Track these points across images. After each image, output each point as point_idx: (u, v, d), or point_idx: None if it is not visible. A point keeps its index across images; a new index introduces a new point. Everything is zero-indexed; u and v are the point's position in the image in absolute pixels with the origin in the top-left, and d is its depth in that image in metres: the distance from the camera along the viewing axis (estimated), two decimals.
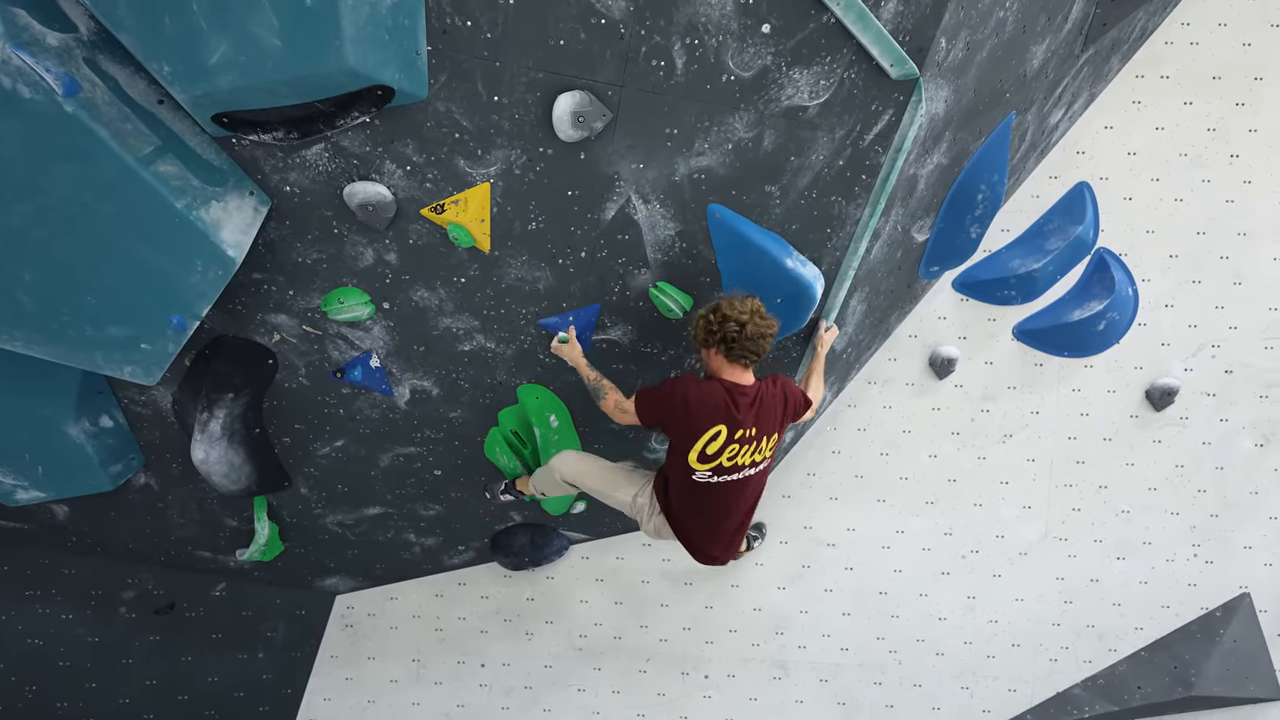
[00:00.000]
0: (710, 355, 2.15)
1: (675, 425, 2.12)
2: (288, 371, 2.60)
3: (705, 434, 2.08)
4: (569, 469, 2.53)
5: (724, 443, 2.09)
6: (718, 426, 2.08)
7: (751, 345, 2.07)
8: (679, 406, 2.09)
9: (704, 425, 2.08)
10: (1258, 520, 3.54)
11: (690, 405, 2.08)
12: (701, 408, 2.08)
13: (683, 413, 2.09)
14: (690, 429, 2.09)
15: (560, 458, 2.57)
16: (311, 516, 3.20)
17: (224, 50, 1.61)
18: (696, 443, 2.09)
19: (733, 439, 2.09)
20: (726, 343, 2.06)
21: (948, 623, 3.62)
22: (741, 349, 2.07)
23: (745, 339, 2.05)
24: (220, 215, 1.95)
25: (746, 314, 2.05)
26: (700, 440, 2.08)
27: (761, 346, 2.08)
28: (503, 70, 1.91)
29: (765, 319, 2.08)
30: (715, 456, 2.10)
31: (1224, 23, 3.23)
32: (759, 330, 2.06)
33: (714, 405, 2.08)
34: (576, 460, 2.56)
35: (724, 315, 2.05)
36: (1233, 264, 3.38)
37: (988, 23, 2.14)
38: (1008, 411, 3.48)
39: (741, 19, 1.87)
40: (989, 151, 2.71)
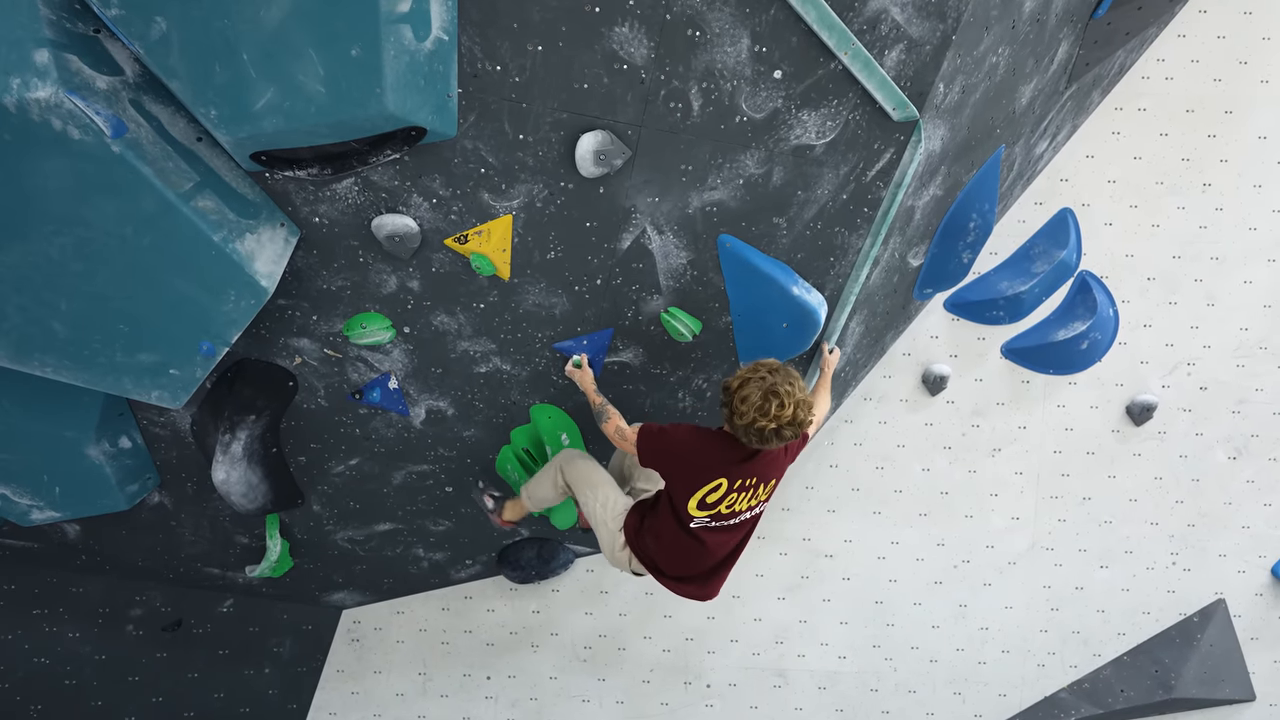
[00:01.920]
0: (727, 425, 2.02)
1: (676, 474, 2.08)
2: (307, 393, 2.66)
3: (706, 485, 2.03)
4: (571, 470, 2.45)
5: (724, 493, 2.05)
6: (719, 479, 2.03)
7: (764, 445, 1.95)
8: (682, 456, 2.05)
9: (706, 478, 2.03)
10: (1231, 530, 3.73)
11: (694, 457, 2.03)
12: (705, 460, 2.03)
13: (686, 463, 2.04)
14: (691, 480, 2.04)
15: (567, 454, 2.52)
16: (322, 533, 3.24)
17: (270, 96, 1.69)
18: (697, 493, 2.04)
19: (733, 489, 2.05)
20: (747, 435, 1.94)
21: (941, 630, 3.75)
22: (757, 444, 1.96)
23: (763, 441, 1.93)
24: (254, 247, 2.02)
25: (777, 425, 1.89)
26: (700, 491, 2.04)
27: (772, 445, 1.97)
28: (529, 111, 2.00)
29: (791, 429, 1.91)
30: (714, 505, 2.06)
31: (1196, 59, 3.43)
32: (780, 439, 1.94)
33: (718, 458, 2.03)
34: (582, 462, 2.48)
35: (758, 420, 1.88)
36: (1206, 287, 3.57)
37: (981, 68, 2.28)
38: (996, 426, 3.63)
39: (755, 65, 1.99)
40: (980, 182, 2.86)
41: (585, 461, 2.50)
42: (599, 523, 2.37)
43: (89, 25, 1.72)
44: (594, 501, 2.38)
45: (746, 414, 1.89)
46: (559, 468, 2.51)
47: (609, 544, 2.36)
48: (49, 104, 1.63)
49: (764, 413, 1.88)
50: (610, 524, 2.33)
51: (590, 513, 2.40)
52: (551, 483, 2.52)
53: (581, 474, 2.44)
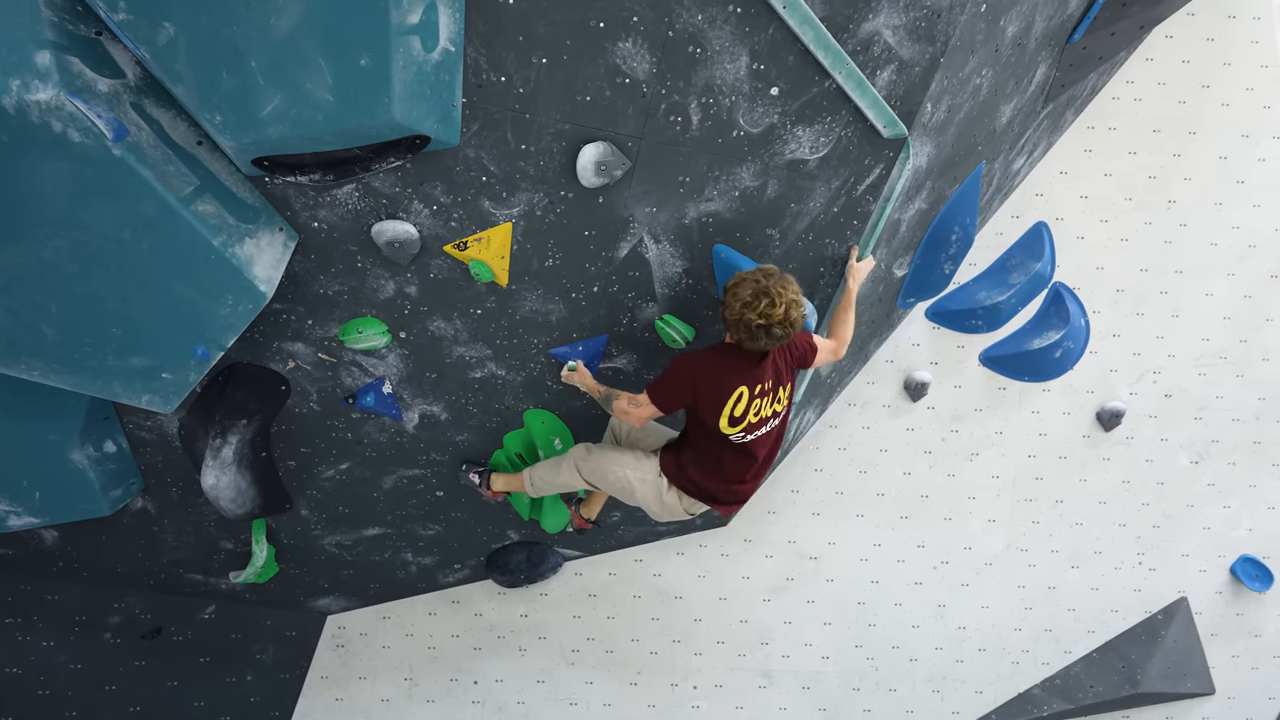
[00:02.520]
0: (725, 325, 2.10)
1: (699, 401, 2.13)
2: (299, 397, 2.64)
3: (730, 399, 2.10)
4: (590, 461, 2.47)
5: (748, 401, 2.12)
6: (739, 389, 2.11)
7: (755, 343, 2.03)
8: (697, 384, 2.11)
9: (727, 392, 2.10)
10: (1193, 531, 3.90)
11: (707, 378, 2.10)
12: (718, 376, 2.10)
13: (704, 388, 2.10)
14: (715, 400, 2.11)
15: (581, 448, 2.53)
16: (310, 538, 3.22)
17: (276, 103, 1.69)
18: (724, 409, 2.11)
19: (754, 395, 2.13)
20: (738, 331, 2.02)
21: (920, 630, 3.85)
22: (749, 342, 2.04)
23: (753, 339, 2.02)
24: (253, 251, 2.01)
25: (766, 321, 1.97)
26: (727, 406, 2.11)
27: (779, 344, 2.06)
28: (531, 121, 2.03)
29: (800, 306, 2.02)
30: (743, 417, 2.14)
31: (1163, 82, 3.60)
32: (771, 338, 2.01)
33: (729, 370, 2.10)
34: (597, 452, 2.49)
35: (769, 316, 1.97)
36: (1171, 299, 3.74)
37: (966, 88, 2.38)
38: (974, 432, 3.76)
39: (753, 82, 2.05)
40: (962, 197, 2.96)
41: (598, 450, 2.52)
42: (635, 484, 2.40)
43: (91, 27, 1.71)
44: (623, 470, 2.41)
45: (735, 308, 1.99)
46: (575, 467, 2.52)
47: (655, 495, 2.39)
48: (49, 106, 1.61)
49: (753, 308, 1.97)
50: (649, 479, 2.38)
51: (624, 484, 2.42)
52: (569, 474, 2.53)
53: (601, 461, 2.47)
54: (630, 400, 2.28)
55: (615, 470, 2.43)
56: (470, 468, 2.94)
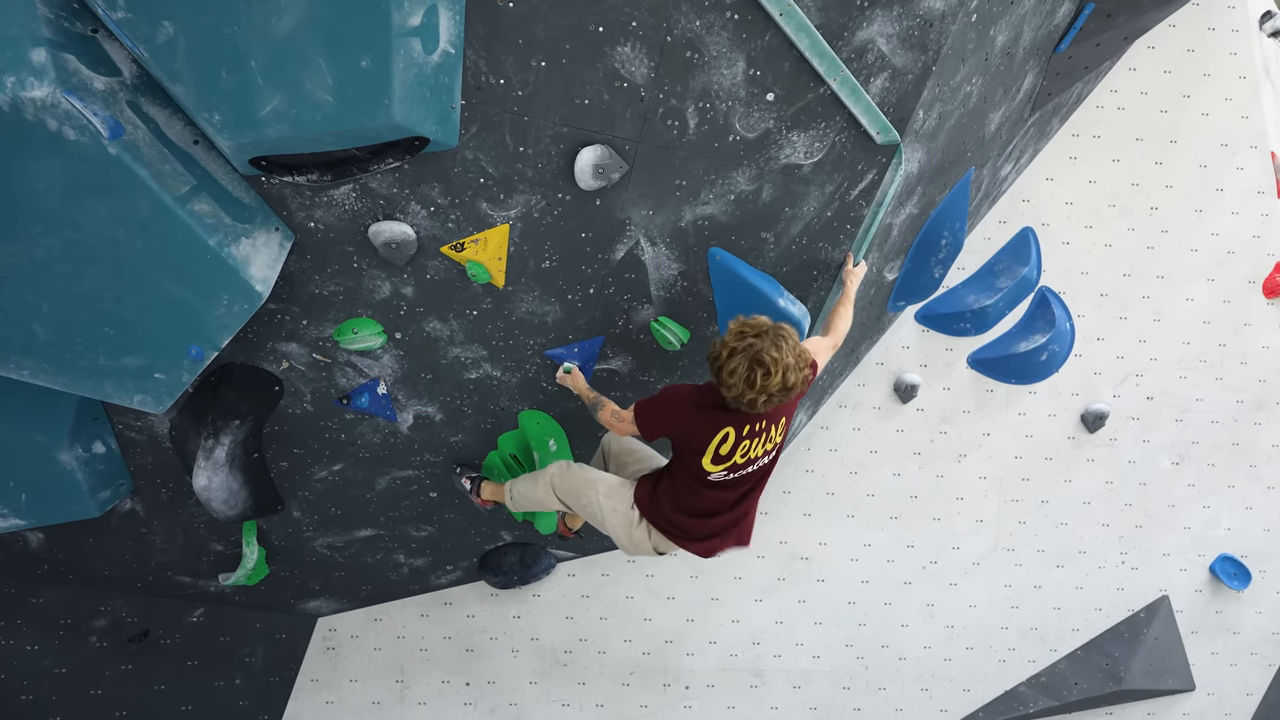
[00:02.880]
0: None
1: (681, 435, 2.05)
2: (293, 398, 2.63)
3: (714, 439, 1.98)
4: (565, 481, 2.38)
5: (735, 441, 2.00)
6: (725, 429, 1.98)
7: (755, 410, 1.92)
8: (682, 418, 2.02)
9: (712, 431, 1.98)
10: (1174, 530, 3.99)
11: (694, 414, 2.00)
12: (705, 415, 1.99)
13: (688, 423, 2.01)
14: (698, 437, 2.00)
15: (558, 468, 2.43)
16: (301, 539, 3.19)
17: (276, 103, 1.69)
18: (708, 448, 2.00)
19: (742, 436, 2.00)
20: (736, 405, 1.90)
21: (909, 629, 3.90)
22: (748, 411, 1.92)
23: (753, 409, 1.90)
24: (249, 251, 2.00)
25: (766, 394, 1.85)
26: (711, 445, 1.99)
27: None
28: (530, 124, 2.04)
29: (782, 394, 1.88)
30: (729, 456, 2.02)
31: (1145, 91, 3.69)
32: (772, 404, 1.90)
33: (720, 411, 1.97)
34: (574, 471, 2.40)
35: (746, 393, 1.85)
36: (1153, 303, 3.83)
37: (957, 96, 2.42)
38: (963, 433, 3.81)
39: (749, 88, 2.08)
40: (952, 202, 3.01)
41: (576, 469, 2.42)
42: (606, 512, 2.28)
43: (87, 25, 1.69)
44: (595, 496, 2.30)
45: (735, 386, 1.86)
46: (550, 484, 2.43)
47: (625, 528, 2.27)
48: (45, 104, 1.60)
49: (751, 384, 1.84)
50: (620, 509, 2.26)
51: (595, 510, 2.31)
52: (545, 492, 2.46)
53: (575, 482, 2.37)
54: (614, 414, 2.23)
55: (588, 494, 2.32)
56: (464, 471, 2.92)
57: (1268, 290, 3.85)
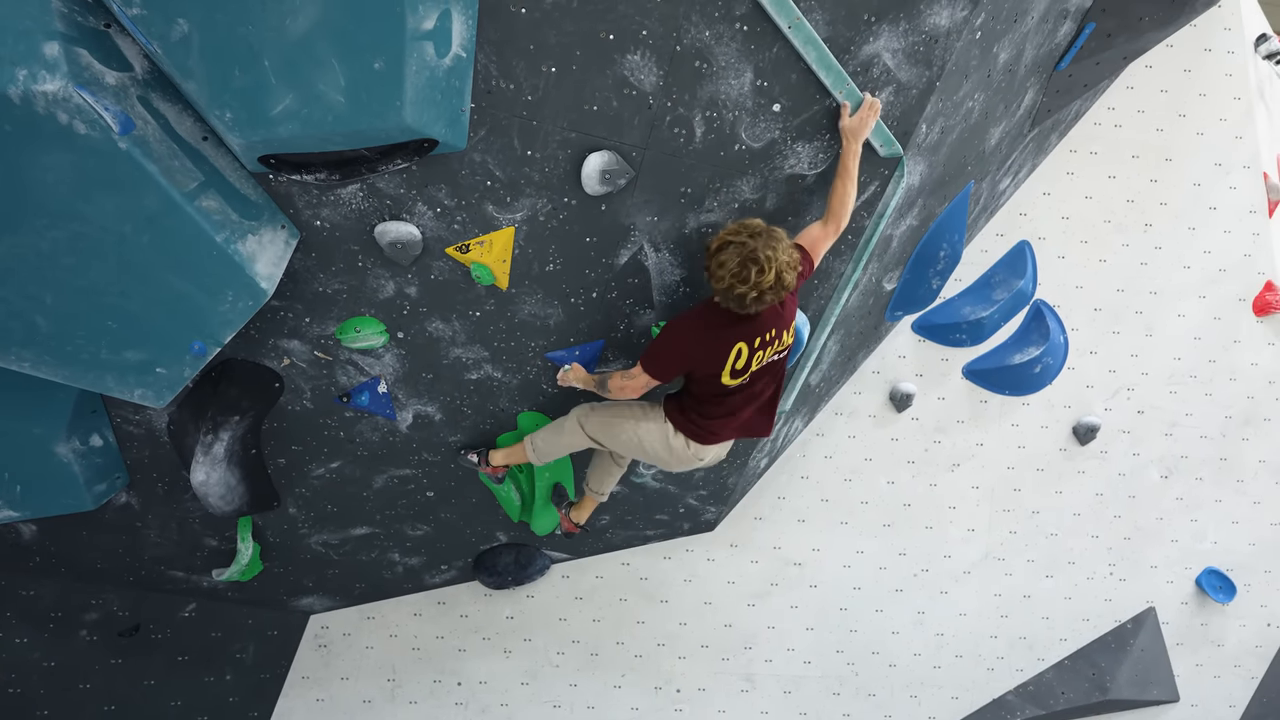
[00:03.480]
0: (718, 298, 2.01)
1: (697, 365, 2.11)
2: (292, 394, 2.63)
3: (729, 357, 2.07)
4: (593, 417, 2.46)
5: (749, 354, 2.08)
6: (738, 345, 2.06)
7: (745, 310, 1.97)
8: (692, 349, 2.08)
9: (725, 351, 2.06)
10: (1162, 543, 4.04)
11: (702, 342, 2.06)
12: (713, 338, 2.05)
13: (699, 351, 2.07)
14: (713, 361, 2.08)
15: (582, 407, 2.51)
16: (296, 536, 3.19)
17: (288, 103, 1.70)
18: (724, 367, 2.08)
19: (755, 347, 2.08)
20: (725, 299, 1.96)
21: (900, 636, 3.93)
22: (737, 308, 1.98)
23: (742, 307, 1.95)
24: (255, 248, 2.00)
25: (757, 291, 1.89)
26: (727, 364, 2.08)
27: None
28: (538, 128, 2.06)
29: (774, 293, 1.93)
30: (745, 368, 2.12)
31: (1142, 110, 3.74)
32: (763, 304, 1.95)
33: (723, 329, 2.05)
34: (601, 407, 2.47)
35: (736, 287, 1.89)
36: (1145, 319, 3.88)
37: (959, 111, 2.46)
38: (956, 443, 3.85)
39: (756, 98, 2.10)
40: (951, 215, 3.05)
41: (602, 407, 2.48)
42: (644, 435, 2.37)
43: (100, 19, 1.70)
44: (632, 424, 2.39)
45: (724, 279, 1.90)
46: (578, 422, 2.49)
47: (661, 440, 2.36)
48: (56, 97, 1.60)
49: (742, 279, 1.87)
50: (653, 425, 2.36)
51: (632, 436, 2.39)
52: (574, 435, 2.50)
53: (605, 417, 2.45)
54: (623, 375, 2.27)
55: (621, 424, 2.41)
56: (468, 450, 2.89)
57: (1257, 308, 3.92)
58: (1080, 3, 2.65)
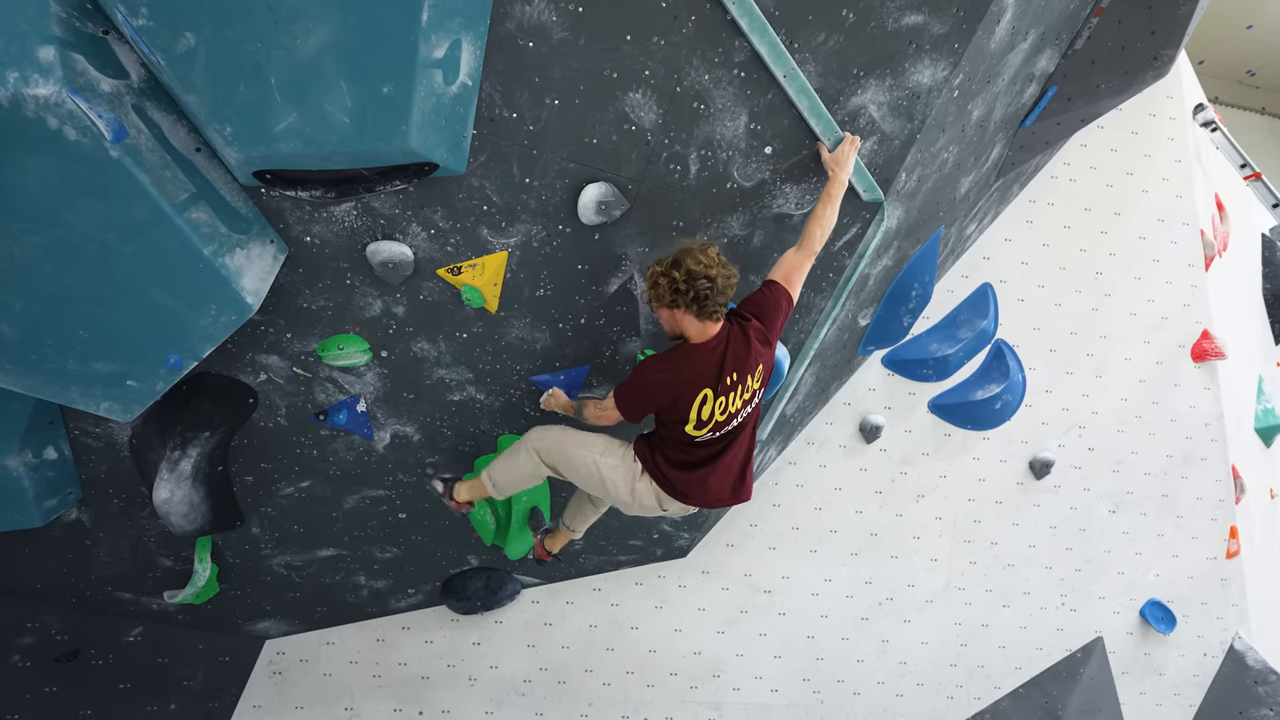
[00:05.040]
0: (677, 316, 2.01)
1: (662, 408, 2.09)
2: (266, 410, 2.56)
3: (694, 403, 2.04)
4: (549, 440, 2.27)
5: (713, 402, 2.05)
6: (703, 391, 2.03)
7: (723, 298, 1.98)
8: (658, 390, 2.06)
9: (690, 397, 2.03)
10: (1109, 575, 4.23)
11: (668, 384, 2.04)
12: (679, 381, 2.03)
13: (664, 393, 2.05)
14: (677, 405, 2.05)
15: (538, 430, 2.32)
16: (258, 557, 3.07)
17: (291, 121, 1.69)
18: (690, 413, 2.05)
19: (719, 394, 2.05)
20: (699, 302, 1.95)
21: (865, 664, 3.99)
22: (714, 305, 1.97)
23: (717, 294, 1.95)
24: (243, 262, 1.97)
25: (714, 266, 1.93)
26: (692, 410, 2.04)
27: (729, 296, 2.01)
28: (538, 158, 2.10)
29: (728, 267, 1.99)
30: (710, 418, 2.07)
31: (1095, 166, 4.01)
32: (727, 282, 1.97)
33: (690, 373, 2.03)
34: (556, 431, 2.30)
35: (691, 272, 1.92)
36: (1095, 361, 4.11)
37: (935, 161, 2.60)
38: (921, 474, 3.98)
39: (749, 140, 2.19)
40: (923, 257, 3.20)
41: (557, 430, 2.30)
42: (605, 470, 2.21)
43: (99, 26, 1.67)
44: (591, 454, 2.23)
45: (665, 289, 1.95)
46: (532, 447, 2.30)
47: (626, 480, 2.21)
48: (48, 102, 1.56)
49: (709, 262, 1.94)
50: (618, 462, 2.22)
51: (591, 469, 2.23)
52: (528, 462, 2.31)
53: (563, 443, 2.27)
54: (597, 405, 2.26)
55: (581, 455, 2.23)
56: (438, 471, 2.76)
57: (1195, 355, 4.20)
58: (1045, 68, 2.85)
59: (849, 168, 2.20)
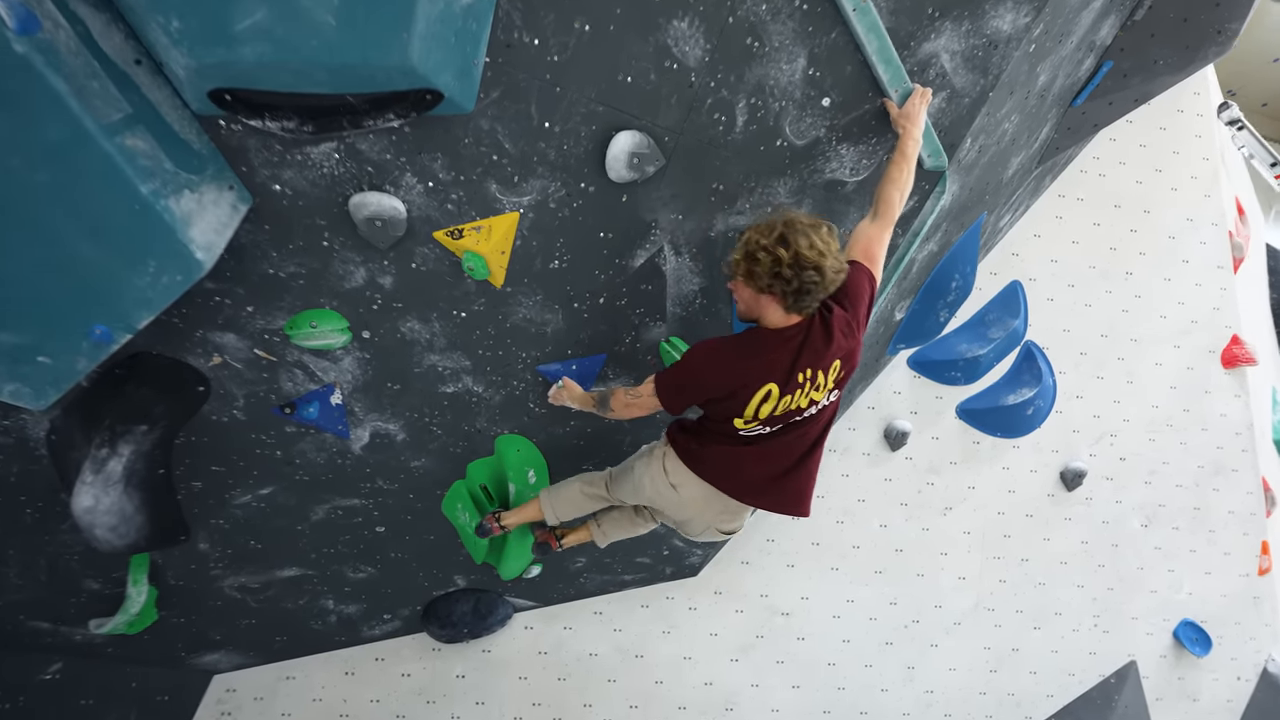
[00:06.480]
0: (763, 301, 1.66)
1: (716, 400, 1.76)
2: (220, 401, 2.14)
3: (754, 399, 1.71)
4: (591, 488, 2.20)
5: (778, 400, 1.72)
6: (767, 386, 1.70)
7: (824, 294, 1.64)
8: (715, 381, 1.73)
9: (752, 390, 1.70)
10: (1142, 593, 3.98)
11: (728, 375, 1.71)
12: (745, 371, 1.70)
13: (721, 385, 1.72)
14: (735, 400, 1.73)
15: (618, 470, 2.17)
16: (206, 579, 2.61)
17: (259, 17, 1.32)
18: (746, 409, 1.73)
19: (786, 391, 1.72)
20: (799, 294, 1.61)
21: (889, 694, 3.66)
22: (813, 300, 1.63)
23: (821, 290, 1.61)
24: (192, 208, 1.57)
25: (829, 256, 1.58)
26: (750, 407, 1.73)
27: (832, 291, 1.66)
28: (562, 96, 1.75)
29: (840, 258, 1.63)
30: (769, 416, 1.75)
31: (1124, 161, 3.82)
32: (836, 275, 1.61)
33: (758, 366, 1.69)
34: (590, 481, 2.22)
35: (801, 257, 1.56)
36: (1127, 365, 3.89)
37: (996, 131, 2.33)
38: (949, 485, 3.69)
39: (806, 89, 1.88)
40: (965, 244, 2.93)
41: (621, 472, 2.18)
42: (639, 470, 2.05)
43: None
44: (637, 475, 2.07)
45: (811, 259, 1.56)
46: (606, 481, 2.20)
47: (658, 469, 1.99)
48: None
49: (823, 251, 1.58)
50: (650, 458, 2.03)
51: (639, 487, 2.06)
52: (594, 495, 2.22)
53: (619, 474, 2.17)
54: (628, 392, 1.90)
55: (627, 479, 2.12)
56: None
57: (1225, 361, 4.01)
58: (1105, 38, 2.63)
59: (921, 123, 1.91)
